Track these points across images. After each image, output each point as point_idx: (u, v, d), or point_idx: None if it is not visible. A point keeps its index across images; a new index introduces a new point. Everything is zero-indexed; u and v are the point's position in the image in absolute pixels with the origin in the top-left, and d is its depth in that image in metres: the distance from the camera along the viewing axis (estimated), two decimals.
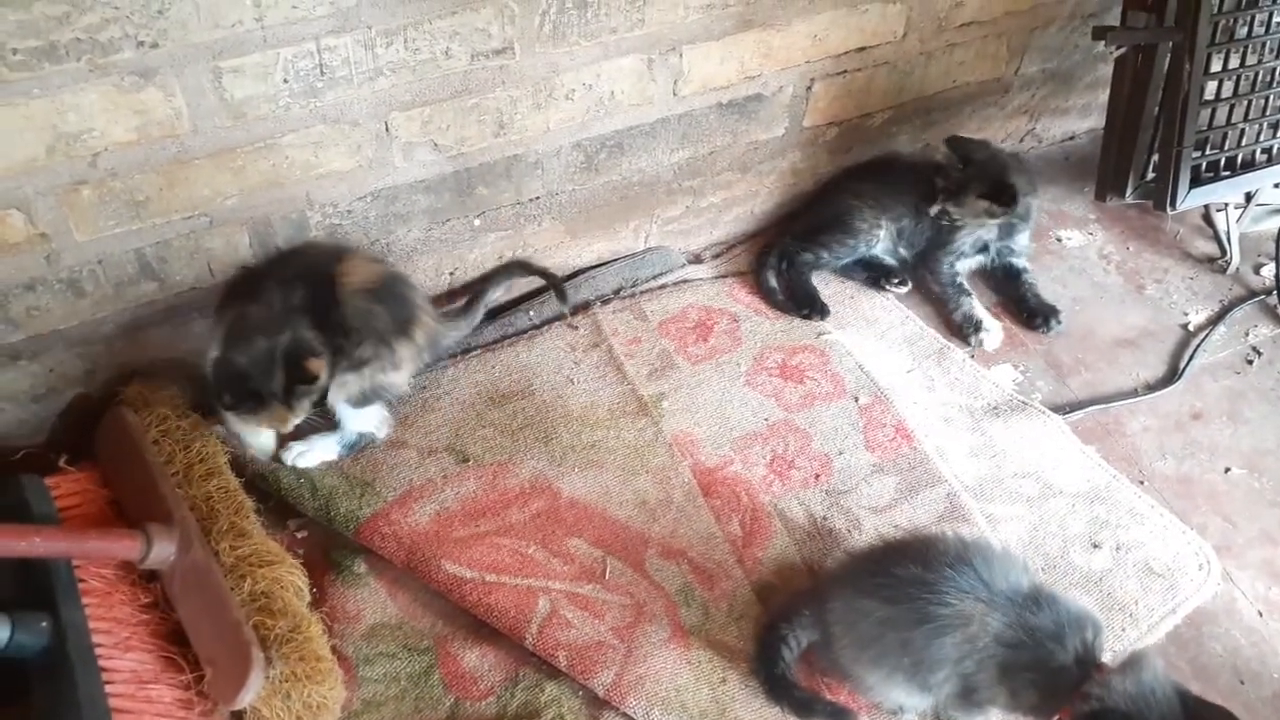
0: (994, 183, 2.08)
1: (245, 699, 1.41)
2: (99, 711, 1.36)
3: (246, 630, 1.46)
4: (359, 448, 1.83)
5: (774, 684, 1.57)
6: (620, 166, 2.00)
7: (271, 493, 1.76)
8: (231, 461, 1.73)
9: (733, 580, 1.72)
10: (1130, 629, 1.73)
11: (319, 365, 1.64)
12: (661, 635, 1.63)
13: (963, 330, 2.14)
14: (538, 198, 1.97)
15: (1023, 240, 2.25)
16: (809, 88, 2.08)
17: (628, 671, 1.57)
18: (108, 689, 1.39)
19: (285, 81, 1.58)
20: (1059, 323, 2.19)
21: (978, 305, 2.15)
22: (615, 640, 1.61)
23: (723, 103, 2.01)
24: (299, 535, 1.75)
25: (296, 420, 1.71)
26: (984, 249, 2.23)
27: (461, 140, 1.79)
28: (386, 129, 1.71)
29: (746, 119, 2.07)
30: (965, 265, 2.23)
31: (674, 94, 1.94)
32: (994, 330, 2.13)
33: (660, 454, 1.87)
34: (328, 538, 1.74)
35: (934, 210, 2.13)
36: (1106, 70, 2.45)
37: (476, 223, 1.94)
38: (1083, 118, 2.60)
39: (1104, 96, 2.50)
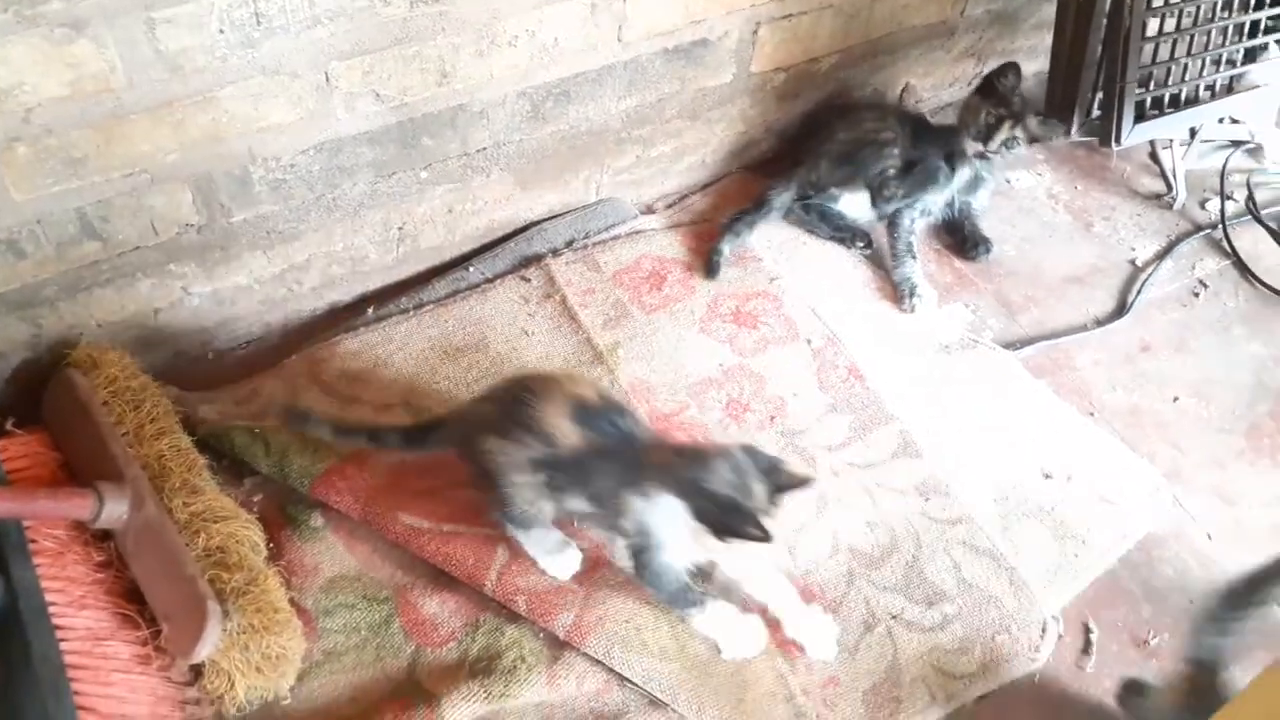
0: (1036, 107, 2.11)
1: (202, 651, 1.41)
2: (53, 669, 1.35)
3: (202, 584, 1.45)
4: None
5: None
6: (568, 115, 1.99)
7: (225, 452, 1.75)
8: (183, 421, 1.72)
9: None
10: (1083, 554, 1.76)
11: None
12: (619, 578, 1.64)
13: (899, 290, 2.14)
14: (485, 149, 1.95)
15: (984, 197, 2.27)
16: (755, 32, 2.08)
17: (587, 613, 1.58)
18: (63, 646, 1.38)
19: (221, 31, 1.55)
20: (988, 250, 2.23)
21: (919, 270, 2.15)
22: (574, 584, 1.62)
23: (669, 48, 2.00)
24: (254, 499, 1.74)
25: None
26: (949, 205, 2.25)
27: (404, 90, 1.77)
28: (327, 79, 1.69)
29: (693, 65, 2.06)
30: (925, 222, 2.25)
31: (619, 40, 1.92)
32: (928, 297, 2.12)
33: None
34: (283, 494, 1.73)
35: (998, 141, 2.11)
36: (1051, 10, 2.45)
37: (423, 175, 1.92)
38: (1029, 60, 2.60)
39: (1048, 39, 2.51)
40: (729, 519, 1.39)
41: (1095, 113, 2.22)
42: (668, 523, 1.46)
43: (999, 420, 1.94)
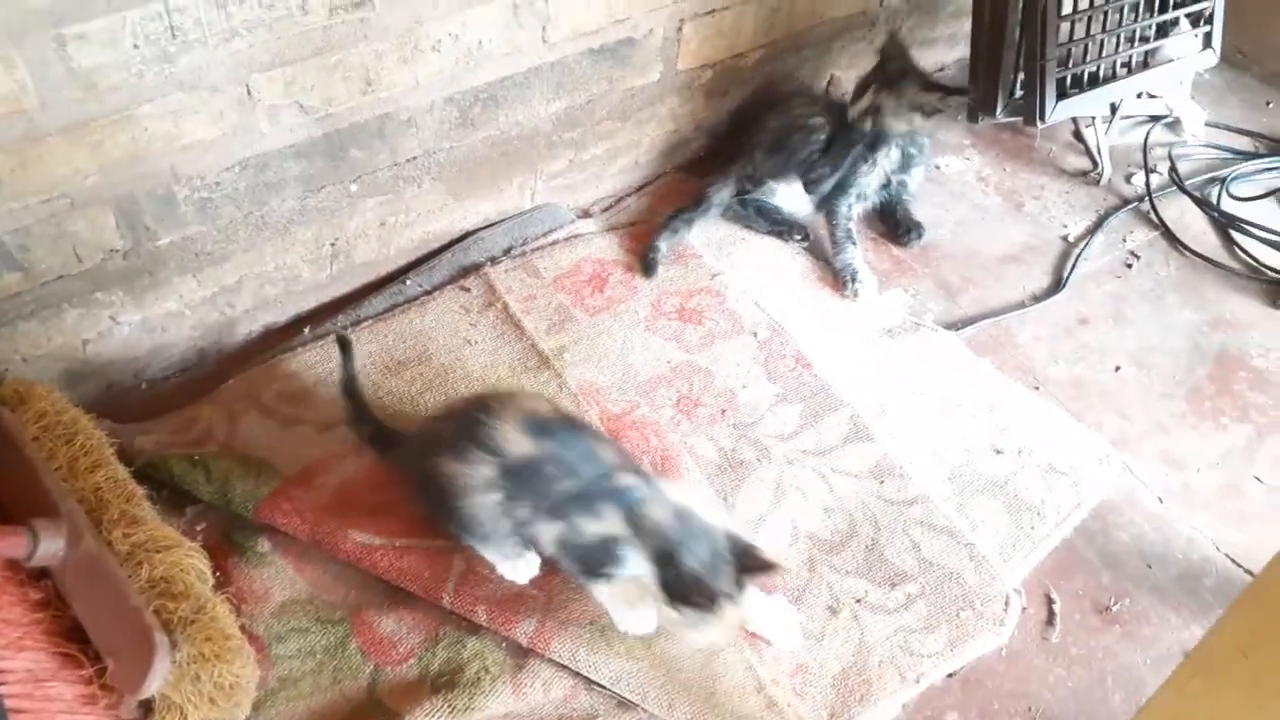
0: (934, 81, 2.13)
1: (152, 686, 1.35)
2: None
3: (147, 615, 1.39)
4: None
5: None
6: (497, 120, 1.97)
7: (165, 482, 1.69)
8: (119, 453, 1.66)
9: None
10: (1039, 526, 1.77)
11: None
12: (579, 582, 1.61)
13: (840, 277, 2.14)
14: (415, 158, 1.92)
15: (918, 176, 2.28)
16: (679, 29, 2.08)
17: (550, 618, 1.55)
18: (2, 690, 1.31)
19: (136, 47, 1.51)
20: (920, 235, 2.26)
21: (859, 256, 2.16)
22: (534, 590, 1.59)
23: (594, 48, 1.99)
24: (198, 529, 1.68)
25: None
26: (885, 186, 2.26)
27: (328, 100, 1.74)
28: (248, 93, 1.65)
29: (620, 64, 2.05)
30: (862, 208, 2.25)
31: (544, 41, 1.91)
32: (868, 283, 2.13)
33: (566, 405, 1.84)
34: (227, 521, 1.68)
35: (859, 108, 2.12)
36: None
37: (353, 188, 1.89)
38: (950, 48, 2.65)
39: (969, 25, 2.56)
40: (691, 594, 1.39)
41: (1018, 93, 2.25)
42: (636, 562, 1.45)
43: (947, 400, 1.95)
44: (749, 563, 1.42)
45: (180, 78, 1.58)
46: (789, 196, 2.24)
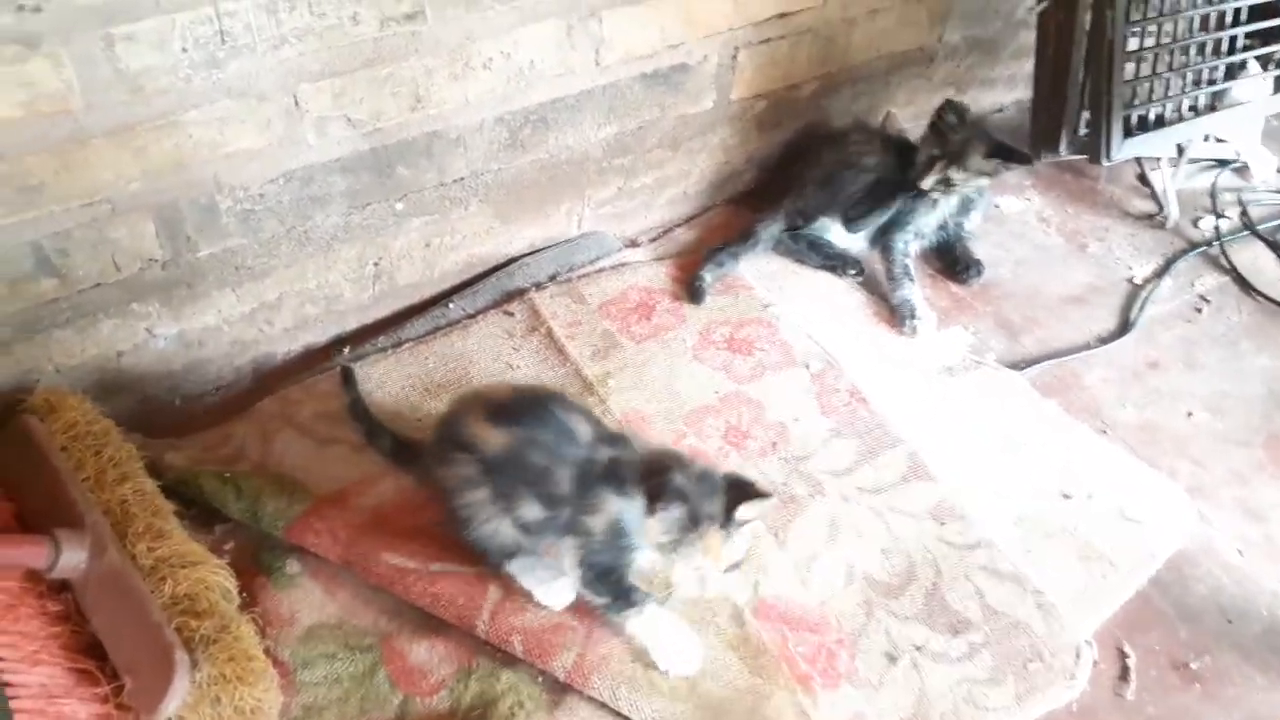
0: (996, 143, 2.06)
1: (170, 707, 1.28)
2: None
3: (168, 632, 1.33)
4: None
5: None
6: (547, 143, 1.93)
7: (194, 498, 1.63)
8: (149, 467, 1.60)
9: None
10: (1110, 575, 1.66)
11: None
12: None
13: (898, 313, 2.07)
14: (462, 178, 1.88)
15: (976, 219, 2.23)
16: (734, 57, 2.04)
17: (590, 652, 1.46)
18: (13, 705, 1.25)
19: (184, 50, 1.48)
20: (980, 273, 2.19)
21: (917, 292, 2.09)
22: (574, 621, 1.50)
23: (647, 73, 1.95)
24: (225, 547, 1.62)
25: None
26: (942, 227, 2.20)
27: (377, 115, 1.70)
28: (296, 103, 1.62)
29: (673, 90, 2.01)
30: (919, 245, 2.19)
31: (596, 64, 1.87)
32: (927, 319, 2.05)
33: None
34: (256, 541, 1.61)
35: (931, 180, 2.07)
36: (1029, 38, 2.44)
37: (399, 207, 1.84)
38: (1009, 89, 2.59)
39: (1029, 66, 2.49)
40: (672, 500, 1.37)
41: (1083, 131, 2.19)
42: (638, 523, 1.42)
43: (1011, 440, 1.85)
44: (740, 493, 1.40)
45: (228, 84, 1.55)
46: (842, 231, 2.18)
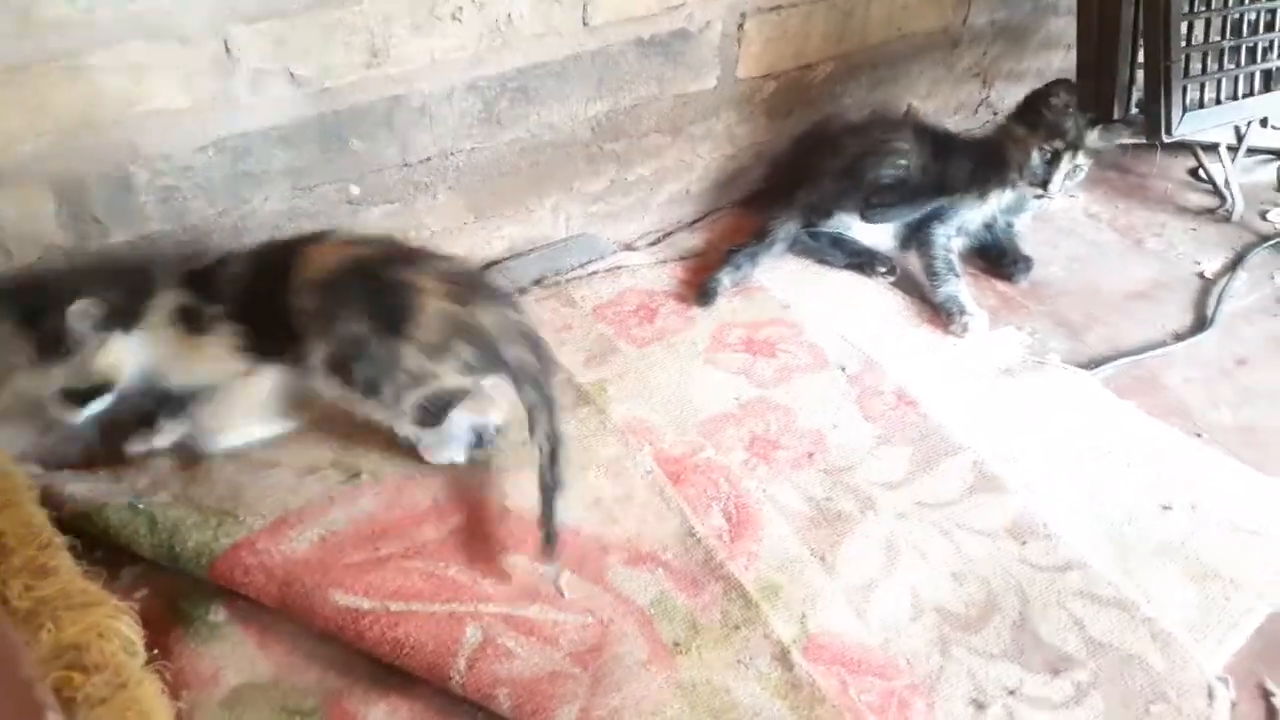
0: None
1: None
2: None
3: (40, 690, 1.00)
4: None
5: None
6: (528, 119, 1.66)
7: (98, 537, 1.30)
8: (44, 497, 1.28)
9: (723, 582, 1.30)
10: (1235, 597, 1.35)
11: None
12: (638, 657, 1.19)
13: (944, 310, 1.80)
14: (429, 158, 1.60)
15: (1027, 218, 1.99)
16: (740, 24, 1.78)
17: (597, 704, 1.12)
18: None
19: None
20: (1029, 269, 1.93)
21: (964, 288, 1.82)
22: (575, 668, 1.17)
23: (643, 38, 1.69)
24: (136, 595, 1.27)
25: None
26: (989, 226, 1.95)
27: (325, 70, 1.43)
28: (227, 49, 1.34)
29: (672, 62, 1.75)
30: (961, 242, 1.94)
31: (584, 22, 1.61)
32: (978, 316, 1.78)
33: (611, 444, 1.46)
34: (174, 586, 1.27)
35: (1060, 179, 1.82)
36: (1058, 26, 2.25)
37: (354, 190, 1.56)
38: (1038, 83, 2.35)
39: (1058, 59, 2.29)
40: None
41: (1134, 111, 1.93)
42: None
43: (1091, 447, 1.55)
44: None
45: (142, 20, 1.27)
46: (865, 227, 1.91)
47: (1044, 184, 1.83)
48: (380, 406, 1.37)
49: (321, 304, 1.34)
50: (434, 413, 1.37)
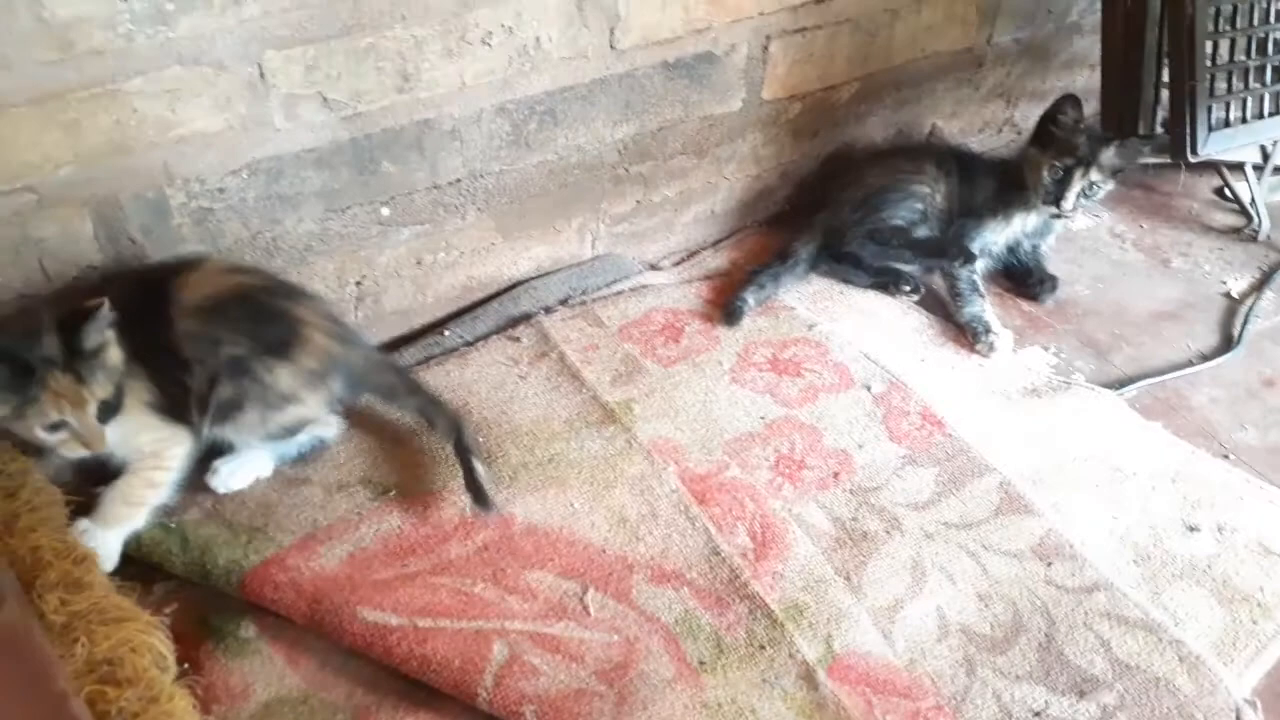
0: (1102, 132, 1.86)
1: None
2: None
3: (75, 705, 1.02)
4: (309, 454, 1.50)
5: None
6: (555, 141, 1.68)
7: (131, 553, 1.32)
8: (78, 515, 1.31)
9: (748, 602, 1.30)
10: (1263, 620, 1.35)
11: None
12: (664, 675, 1.20)
13: (969, 330, 1.80)
14: (459, 180, 1.62)
15: (1052, 239, 1.99)
16: (765, 47, 1.79)
17: None
18: None
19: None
20: (1054, 289, 1.93)
21: (989, 308, 1.83)
22: (602, 685, 1.18)
23: (669, 61, 1.71)
24: (166, 610, 1.29)
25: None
26: (1014, 248, 1.95)
27: (357, 95, 1.45)
28: (261, 74, 1.37)
29: (698, 85, 1.77)
30: (985, 264, 1.94)
31: (611, 46, 1.63)
32: (1004, 335, 1.79)
33: (637, 462, 1.47)
34: (204, 601, 1.30)
35: (1074, 198, 1.82)
36: (1081, 45, 2.24)
37: (385, 212, 1.58)
38: None
39: (1082, 79, 2.29)
40: None
41: (1159, 130, 1.94)
42: None
43: (1117, 468, 1.55)
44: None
45: (179, 47, 1.30)
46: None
47: (1056, 201, 1.83)
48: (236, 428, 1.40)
49: (206, 328, 1.35)
50: (292, 432, 1.45)
